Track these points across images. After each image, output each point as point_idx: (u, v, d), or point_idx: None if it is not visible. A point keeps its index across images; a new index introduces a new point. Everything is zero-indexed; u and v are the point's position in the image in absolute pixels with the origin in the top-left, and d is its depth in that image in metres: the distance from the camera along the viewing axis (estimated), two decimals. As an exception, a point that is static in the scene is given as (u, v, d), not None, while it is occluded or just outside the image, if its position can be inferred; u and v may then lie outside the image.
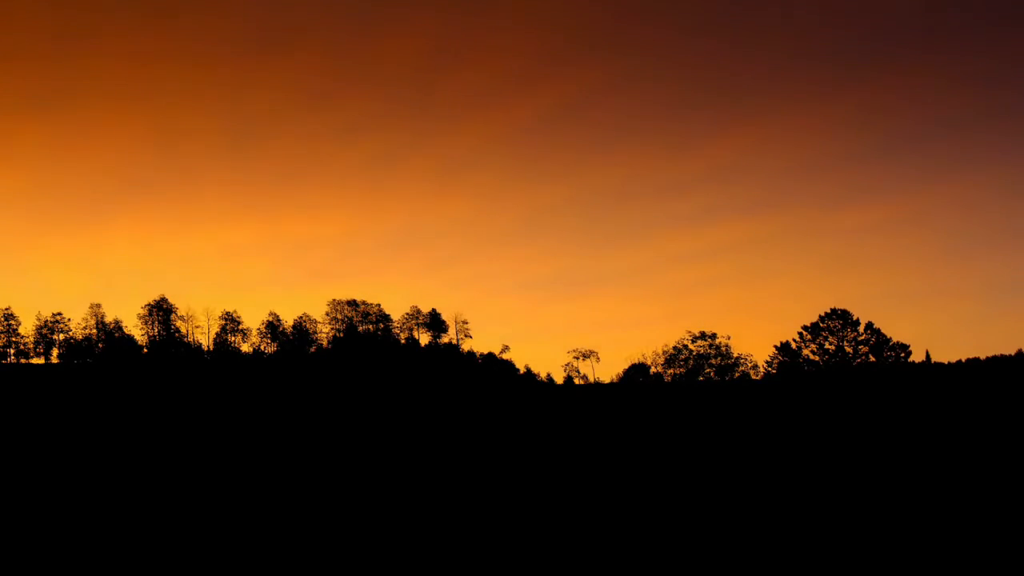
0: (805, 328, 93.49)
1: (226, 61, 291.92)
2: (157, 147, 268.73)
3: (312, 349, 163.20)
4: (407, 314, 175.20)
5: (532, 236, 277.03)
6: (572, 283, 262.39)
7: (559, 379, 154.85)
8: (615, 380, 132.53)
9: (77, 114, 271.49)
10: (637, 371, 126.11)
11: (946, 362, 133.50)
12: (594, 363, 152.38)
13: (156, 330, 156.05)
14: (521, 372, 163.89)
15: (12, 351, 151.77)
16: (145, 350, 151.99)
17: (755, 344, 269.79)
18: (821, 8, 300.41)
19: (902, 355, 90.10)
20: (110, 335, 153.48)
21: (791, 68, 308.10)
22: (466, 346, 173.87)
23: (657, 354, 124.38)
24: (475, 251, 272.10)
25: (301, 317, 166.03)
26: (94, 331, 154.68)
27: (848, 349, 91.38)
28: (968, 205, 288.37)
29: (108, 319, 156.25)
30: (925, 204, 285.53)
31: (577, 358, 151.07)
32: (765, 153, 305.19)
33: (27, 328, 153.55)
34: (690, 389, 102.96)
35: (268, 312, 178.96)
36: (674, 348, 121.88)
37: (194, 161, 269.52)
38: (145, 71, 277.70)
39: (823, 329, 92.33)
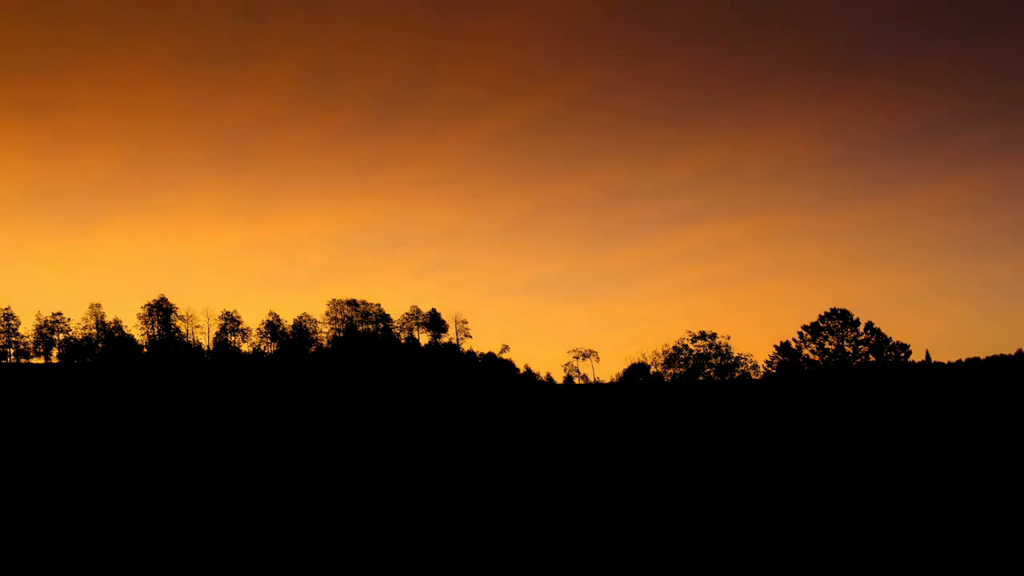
0: (805, 328, 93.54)
1: (228, 63, 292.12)
2: (156, 148, 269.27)
3: (312, 349, 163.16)
4: (407, 314, 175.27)
5: (532, 236, 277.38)
6: (572, 283, 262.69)
7: (559, 379, 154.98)
8: (615, 380, 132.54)
9: (77, 116, 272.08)
10: (637, 371, 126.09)
11: (946, 362, 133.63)
12: (594, 363, 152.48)
13: (156, 330, 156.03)
14: (521, 372, 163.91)
15: (12, 351, 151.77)
16: (145, 350, 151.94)
17: (755, 344, 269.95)
18: (820, 8, 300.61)
19: (902, 355, 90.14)
20: (110, 335, 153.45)
21: (791, 68, 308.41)
22: (466, 346, 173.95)
23: (657, 354, 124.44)
24: (475, 251, 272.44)
25: (301, 317, 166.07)
26: (94, 331, 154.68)
27: (848, 349, 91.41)
28: (968, 205, 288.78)
29: (108, 319, 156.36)
30: (925, 204, 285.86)
31: (577, 358, 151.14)
32: (766, 153, 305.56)
33: (27, 328, 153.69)
34: (690, 389, 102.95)
35: (268, 312, 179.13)
36: (674, 348, 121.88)
37: (193, 162, 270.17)
38: (144, 74, 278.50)
39: (823, 329, 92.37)
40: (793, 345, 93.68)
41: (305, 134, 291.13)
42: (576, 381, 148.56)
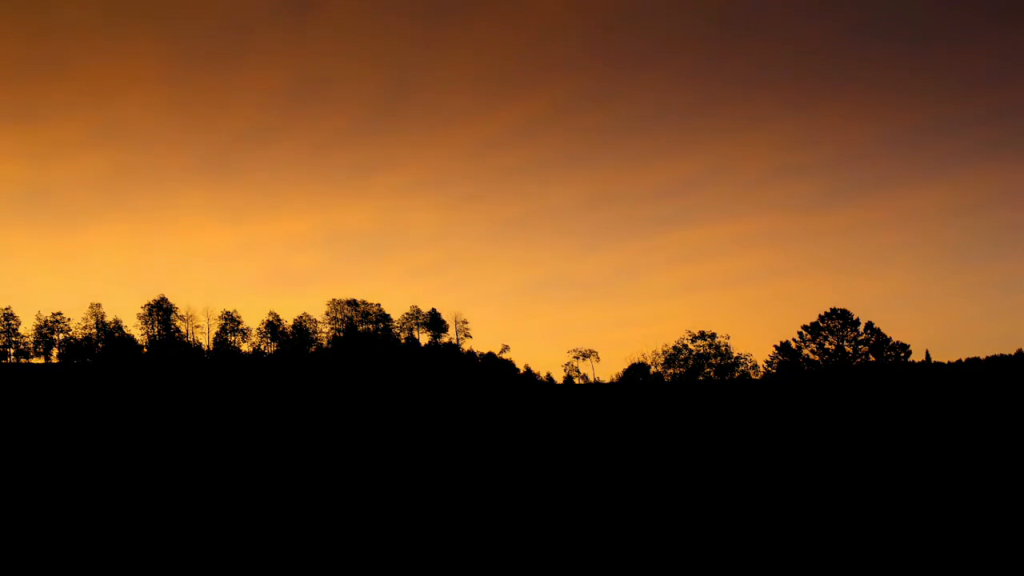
0: (805, 328, 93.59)
1: (221, 67, 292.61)
2: (155, 149, 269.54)
3: (312, 349, 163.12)
4: (407, 314, 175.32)
5: (532, 236, 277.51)
6: (572, 283, 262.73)
7: (559, 379, 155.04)
8: (615, 380, 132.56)
9: (72, 122, 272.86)
10: (637, 371, 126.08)
11: (946, 362, 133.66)
12: (594, 363, 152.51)
13: (156, 330, 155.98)
14: (521, 372, 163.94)
15: (12, 351, 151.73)
16: (145, 350, 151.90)
17: (755, 344, 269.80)
18: (821, 6, 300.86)
19: (902, 355, 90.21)
20: (110, 335, 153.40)
21: (790, 68, 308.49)
22: (466, 346, 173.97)
23: (657, 354, 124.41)
24: (475, 251, 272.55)
25: (301, 317, 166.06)
26: (94, 331, 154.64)
27: (848, 349, 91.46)
28: (968, 205, 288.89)
29: (108, 319, 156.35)
30: (925, 204, 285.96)
31: (577, 358, 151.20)
32: (766, 152, 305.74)
33: (27, 328, 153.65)
34: (690, 389, 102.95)
35: (268, 312, 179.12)
36: (674, 348, 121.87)
37: (191, 163, 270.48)
38: (137, 82, 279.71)
39: (823, 329, 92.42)
40: (793, 345, 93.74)
41: (298, 138, 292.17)
42: (576, 381, 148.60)
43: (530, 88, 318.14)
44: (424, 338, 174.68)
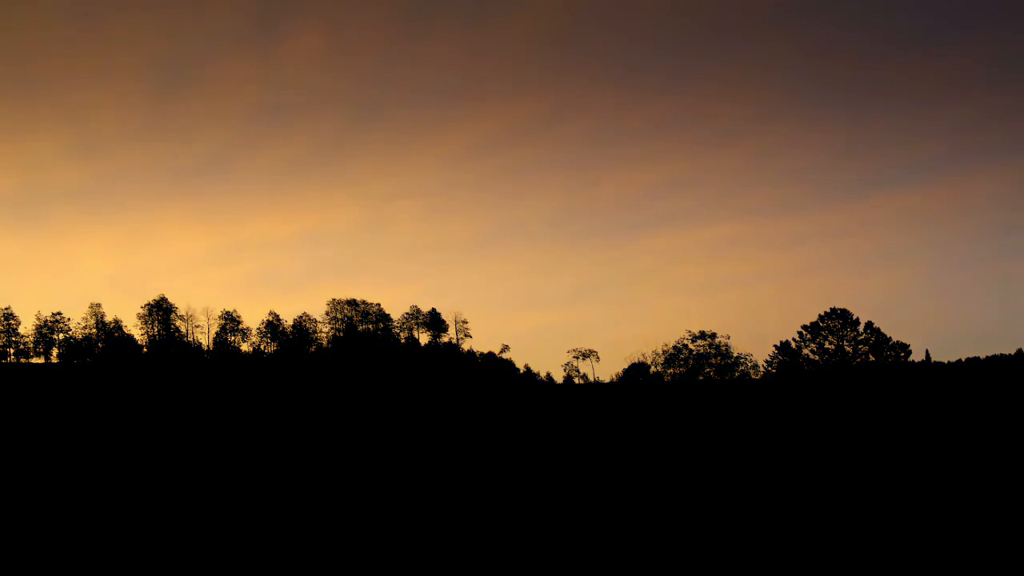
0: (805, 328, 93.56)
1: (234, 67, 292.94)
2: (155, 149, 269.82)
3: (312, 349, 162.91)
4: (407, 314, 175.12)
5: (532, 236, 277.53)
6: (572, 283, 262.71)
7: (559, 379, 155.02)
8: (615, 380, 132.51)
9: (78, 118, 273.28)
10: (637, 371, 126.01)
11: (946, 362, 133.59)
12: (594, 363, 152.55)
13: (156, 330, 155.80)
14: (521, 372, 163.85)
15: (12, 351, 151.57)
16: (145, 350, 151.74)
17: (755, 344, 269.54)
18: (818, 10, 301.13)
19: (902, 355, 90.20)
20: (110, 335, 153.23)
21: (794, 68, 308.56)
22: (466, 346, 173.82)
23: (657, 354, 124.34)
24: (475, 251, 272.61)
25: (301, 317, 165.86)
26: (94, 331, 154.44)
27: (848, 349, 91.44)
28: (968, 204, 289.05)
29: (108, 319, 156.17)
30: (925, 204, 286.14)
31: (577, 358, 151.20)
32: (767, 153, 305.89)
33: (27, 328, 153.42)
34: (690, 388, 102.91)
35: (268, 312, 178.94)
36: (674, 348, 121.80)
37: (193, 163, 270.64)
38: (128, 88, 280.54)
39: (823, 329, 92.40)
40: (793, 345, 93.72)
41: (287, 146, 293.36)
42: (576, 381, 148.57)
43: (529, 91, 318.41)
44: (424, 338, 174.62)
